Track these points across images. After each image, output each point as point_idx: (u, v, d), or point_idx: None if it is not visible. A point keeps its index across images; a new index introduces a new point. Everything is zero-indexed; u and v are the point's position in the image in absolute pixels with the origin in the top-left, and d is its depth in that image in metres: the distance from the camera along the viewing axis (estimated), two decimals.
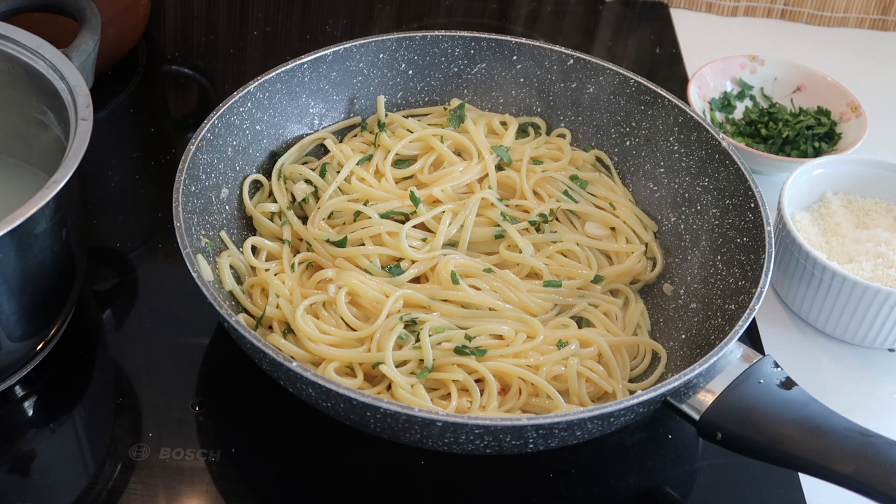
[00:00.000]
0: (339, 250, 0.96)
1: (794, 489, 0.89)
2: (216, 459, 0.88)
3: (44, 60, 0.91)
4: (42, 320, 0.90)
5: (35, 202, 0.78)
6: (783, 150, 1.21)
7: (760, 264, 0.90)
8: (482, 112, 1.13)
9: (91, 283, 1.03)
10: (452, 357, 0.88)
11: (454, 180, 1.03)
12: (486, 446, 0.79)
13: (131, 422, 0.91)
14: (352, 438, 0.88)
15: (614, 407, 0.77)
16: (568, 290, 0.97)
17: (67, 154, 0.82)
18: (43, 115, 0.94)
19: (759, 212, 0.94)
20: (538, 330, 0.92)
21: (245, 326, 0.80)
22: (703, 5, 1.52)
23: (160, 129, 1.25)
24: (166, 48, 1.37)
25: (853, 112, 1.23)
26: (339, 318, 0.91)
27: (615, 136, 1.10)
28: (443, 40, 1.11)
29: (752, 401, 0.81)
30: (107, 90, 1.25)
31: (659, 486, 0.89)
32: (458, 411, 0.86)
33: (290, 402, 0.87)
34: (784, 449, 0.77)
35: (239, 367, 0.93)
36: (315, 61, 1.06)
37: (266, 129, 1.05)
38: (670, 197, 1.05)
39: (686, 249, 1.02)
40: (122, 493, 0.85)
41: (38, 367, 0.93)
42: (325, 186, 1.02)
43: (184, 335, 0.99)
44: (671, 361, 0.94)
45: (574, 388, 0.89)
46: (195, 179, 0.94)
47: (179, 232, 0.86)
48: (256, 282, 0.95)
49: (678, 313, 0.98)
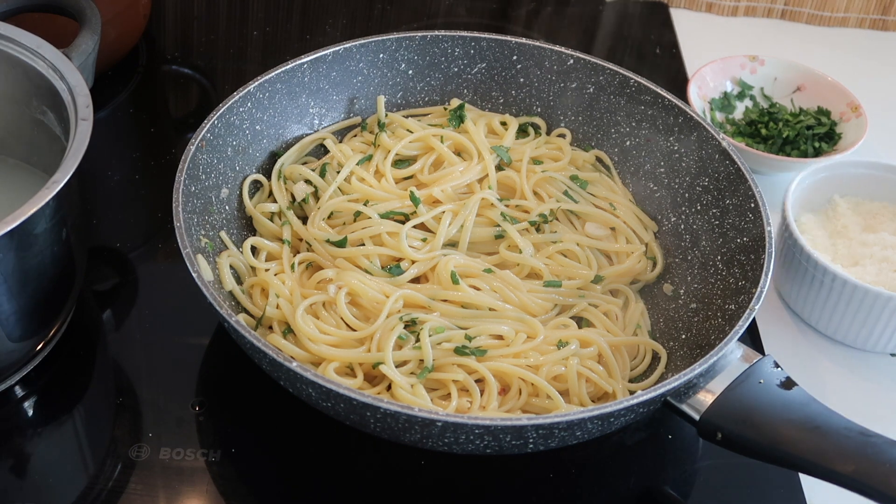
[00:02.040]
0: (339, 250, 0.96)
1: (794, 489, 0.89)
2: (216, 459, 0.88)
3: (44, 60, 0.91)
4: (42, 320, 0.90)
5: (35, 202, 0.78)
6: (783, 150, 1.21)
7: (760, 264, 0.90)
8: (482, 112, 1.13)
9: (91, 283, 1.03)
10: (452, 357, 0.88)
11: (454, 180, 1.03)
12: (486, 446, 0.79)
13: (131, 422, 0.91)
14: (352, 438, 0.88)
15: (614, 407, 0.77)
16: (568, 290, 0.97)
17: (67, 154, 0.82)
18: (43, 115, 0.94)
19: (759, 212, 0.94)
20: (538, 330, 0.92)
21: (245, 326, 0.80)
22: (703, 5, 1.52)
23: (160, 129, 1.25)
24: (166, 48, 1.37)
25: (853, 112, 1.23)
26: (339, 318, 0.91)
27: (615, 136, 1.10)
28: (443, 40, 1.11)
29: (752, 401, 0.81)
30: (107, 90, 1.25)
31: (659, 486, 0.89)
32: (458, 411, 0.86)
33: (290, 402, 0.87)
34: (784, 449, 0.77)
35: (239, 367, 0.93)
36: (315, 61, 1.06)
37: (266, 129, 1.05)
38: (670, 197, 1.05)
39: (686, 249, 1.02)
40: (122, 493, 0.85)
41: (38, 367, 0.93)
42: (325, 186, 1.02)
43: (184, 335, 0.99)
44: (671, 361, 0.94)
45: (574, 389, 0.89)
46: (195, 179, 0.94)
47: (179, 232, 0.86)
48: (256, 282, 0.95)
49: (678, 313, 0.98)
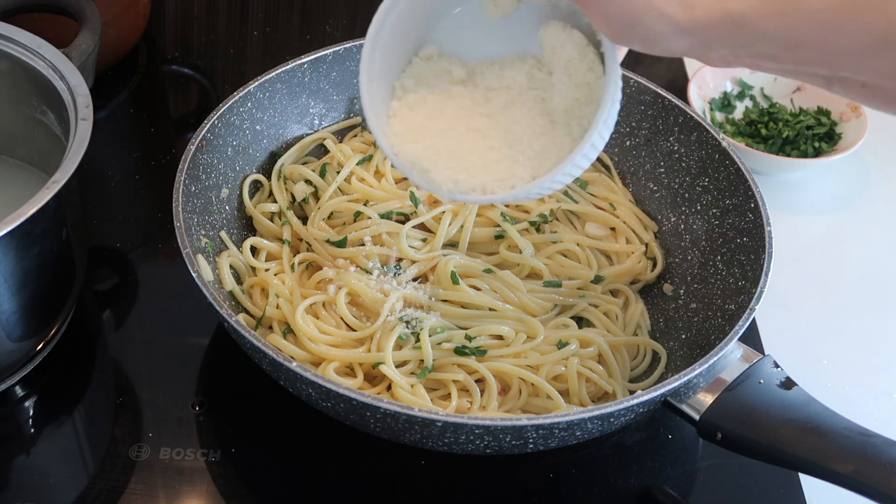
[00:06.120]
0: (339, 250, 0.96)
1: (794, 489, 0.89)
2: (216, 459, 0.88)
3: (44, 60, 0.91)
4: (42, 320, 0.90)
5: (35, 202, 0.78)
6: (783, 150, 1.21)
7: (760, 264, 0.90)
8: None
9: (91, 283, 1.03)
10: (452, 357, 0.88)
11: None
12: (486, 446, 0.79)
13: (131, 422, 0.91)
14: (352, 438, 0.88)
15: (614, 407, 0.77)
16: (568, 290, 0.97)
17: (67, 154, 0.82)
18: (43, 115, 0.94)
19: (759, 212, 0.94)
20: (538, 330, 0.92)
21: (245, 326, 0.80)
22: None
23: (160, 129, 1.25)
24: (166, 48, 1.37)
25: (853, 112, 1.23)
26: (338, 318, 0.91)
27: (615, 136, 1.10)
28: None
29: (752, 401, 0.81)
30: (107, 90, 1.25)
31: (659, 486, 0.89)
32: (458, 411, 0.86)
33: (290, 402, 0.87)
34: (784, 449, 0.77)
35: (239, 367, 0.93)
36: (315, 61, 1.06)
37: (266, 129, 1.05)
38: (670, 197, 1.05)
39: (686, 249, 1.02)
40: (122, 493, 0.85)
41: (38, 367, 0.93)
42: (325, 187, 1.02)
43: (184, 335, 0.99)
44: (671, 361, 0.94)
45: (574, 389, 0.89)
46: (195, 179, 0.94)
47: (179, 232, 0.86)
48: (256, 282, 0.95)
49: (678, 313, 0.98)
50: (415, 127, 0.76)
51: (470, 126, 0.76)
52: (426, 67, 0.78)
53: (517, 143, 0.74)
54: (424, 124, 0.76)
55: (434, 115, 0.77)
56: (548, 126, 0.74)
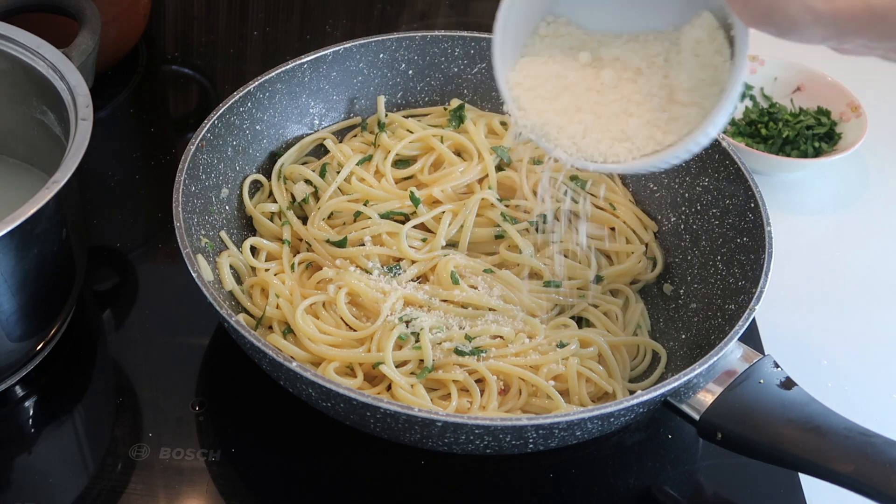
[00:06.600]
0: (339, 250, 0.96)
1: (794, 489, 0.89)
2: (216, 459, 0.88)
3: (44, 60, 0.91)
4: (42, 320, 0.90)
5: (35, 202, 0.78)
6: (783, 150, 1.21)
7: (760, 264, 0.90)
8: (482, 112, 1.13)
9: (91, 283, 1.03)
10: (452, 357, 0.88)
11: (454, 181, 1.03)
12: (486, 446, 0.79)
13: (131, 422, 0.91)
14: (352, 438, 0.88)
15: (614, 407, 0.77)
16: (568, 290, 0.97)
17: (67, 154, 0.82)
18: (43, 115, 0.94)
19: (759, 212, 0.94)
20: (538, 330, 0.92)
21: (245, 326, 0.80)
22: None
23: (160, 129, 1.25)
24: (166, 48, 1.37)
25: (853, 112, 1.23)
26: (338, 318, 0.91)
27: None
28: (443, 40, 1.11)
29: (752, 401, 0.81)
30: (107, 90, 1.25)
31: (659, 486, 0.89)
32: (458, 411, 0.86)
33: (290, 402, 0.87)
34: (784, 449, 0.77)
35: (239, 367, 0.93)
36: (315, 61, 1.06)
37: (266, 129, 1.05)
38: (670, 197, 1.05)
39: (686, 249, 1.02)
40: (122, 493, 0.85)
41: (38, 367, 0.93)
42: (324, 187, 1.02)
43: (184, 335, 0.99)
44: (671, 361, 0.94)
45: (574, 388, 0.89)
46: (195, 179, 0.94)
47: (179, 232, 0.86)
48: (256, 282, 0.95)
49: (678, 313, 0.98)
50: (536, 87, 0.78)
51: (590, 96, 0.77)
52: (553, 32, 0.79)
53: (636, 117, 0.75)
54: (546, 86, 0.78)
55: (556, 80, 0.78)
56: (666, 103, 0.75)
